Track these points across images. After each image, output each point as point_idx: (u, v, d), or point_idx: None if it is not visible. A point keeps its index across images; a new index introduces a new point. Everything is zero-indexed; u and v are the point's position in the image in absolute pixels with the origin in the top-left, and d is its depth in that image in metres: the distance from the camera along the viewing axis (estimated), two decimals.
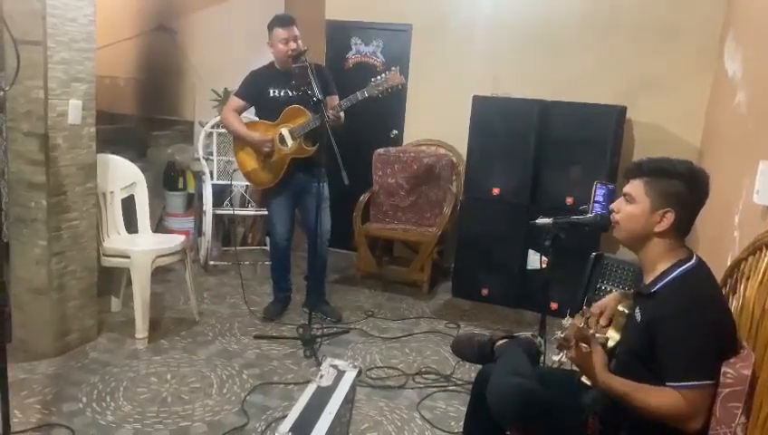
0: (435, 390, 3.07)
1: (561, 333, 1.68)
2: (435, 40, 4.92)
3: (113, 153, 3.65)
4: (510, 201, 4.23)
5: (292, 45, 3.47)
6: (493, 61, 4.75)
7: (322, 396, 1.92)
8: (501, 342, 2.23)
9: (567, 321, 1.76)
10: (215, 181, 4.78)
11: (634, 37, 4.40)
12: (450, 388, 3.11)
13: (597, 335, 1.75)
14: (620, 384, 1.65)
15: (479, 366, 2.23)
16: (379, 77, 3.43)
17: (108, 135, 4.06)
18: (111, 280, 3.68)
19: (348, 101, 3.44)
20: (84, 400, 2.74)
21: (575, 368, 1.79)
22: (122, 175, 3.63)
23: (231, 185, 4.87)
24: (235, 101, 3.70)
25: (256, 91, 3.65)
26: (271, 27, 3.53)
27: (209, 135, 4.88)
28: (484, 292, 4.37)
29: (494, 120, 4.23)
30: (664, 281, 1.69)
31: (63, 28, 2.92)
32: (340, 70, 5.04)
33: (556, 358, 1.76)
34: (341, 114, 3.50)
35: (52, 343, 3.09)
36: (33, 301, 3.06)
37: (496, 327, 3.92)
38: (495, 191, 4.25)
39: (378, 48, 5.15)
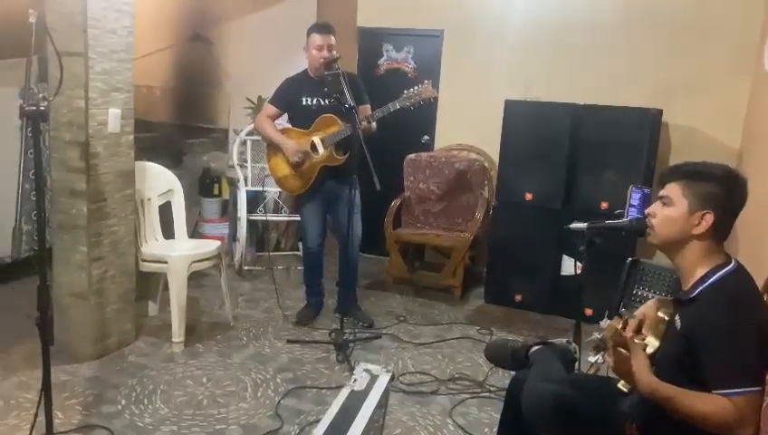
0: (467, 396, 3.05)
1: (599, 334, 1.66)
2: (466, 45, 4.92)
3: (150, 161, 3.73)
4: (543, 206, 4.19)
5: (325, 54, 3.50)
6: (524, 65, 4.72)
7: (356, 400, 1.93)
8: (535, 348, 2.20)
9: (605, 323, 1.73)
10: (249, 188, 4.85)
11: (669, 38, 4.33)
12: (483, 394, 3.09)
13: (636, 341, 1.71)
14: (666, 388, 1.60)
15: (513, 373, 2.22)
16: (412, 89, 3.45)
17: (145, 143, 4.15)
18: (149, 285, 3.75)
19: (380, 112, 3.46)
20: (123, 402, 2.81)
21: (611, 374, 1.76)
22: (159, 182, 3.70)
23: (264, 191, 4.94)
24: (269, 108, 3.76)
25: (290, 98, 3.69)
26: (309, 33, 3.59)
27: (243, 142, 4.95)
28: (518, 298, 4.33)
29: (527, 124, 4.21)
30: (703, 286, 1.66)
31: (104, 40, 3.00)
32: (371, 76, 5.07)
33: (592, 359, 1.73)
34: (373, 124, 3.52)
35: (92, 347, 3.17)
36: (74, 305, 3.14)
37: (530, 333, 3.88)
38: (528, 196, 4.21)
39: (409, 54, 5.17)
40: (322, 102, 3.61)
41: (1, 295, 3.87)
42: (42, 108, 2.07)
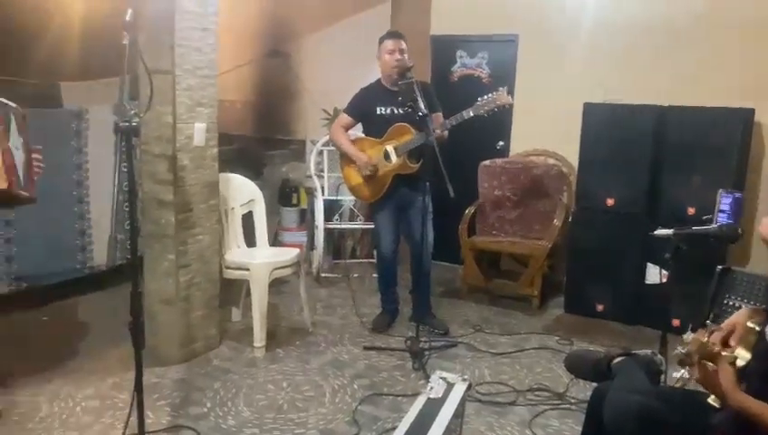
0: (547, 407, 2.98)
1: (683, 348, 1.58)
2: (542, 48, 4.83)
3: (233, 172, 3.88)
4: (626, 212, 4.04)
5: (398, 56, 3.56)
6: (603, 66, 4.58)
7: (432, 408, 1.93)
8: (618, 359, 2.13)
9: (689, 336, 1.65)
10: (325, 197, 4.96)
11: (760, 32, 4.07)
12: (563, 406, 3.00)
13: (724, 353, 1.62)
14: (756, 405, 1.51)
15: (594, 384, 2.15)
16: (486, 96, 3.44)
17: (228, 155, 4.32)
18: (232, 291, 3.89)
19: (454, 120, 3.47)
20: (208, 404, 2.92)
21: (699, 387, 1.67)
22: (242, 192, 3.84)
23: (340, 200, 5.03)
24: (344, 118, 3.83)
25: (364, 108, 3.75)
26: (380, 41, 3.67)
27: (320, 153, 5.07)
28: (599, 307, 4.19)
29: (607, 127, 4.08)
30: None
31: (189, 57, 3.15)
32: (445, 84, 5.07)
33: (677, 375, 1.65)
34: (445, 133, 3.53)
35: (179, 351, 3.31)
36: (162, 311, 3.30)
37: (612, 344, 3.73)
38: (610, 201, 4.08)
39: (483, 60, 5.14)
40: (396, 111, 3.65)
41: (98, 301, 4.13)
42: (134, 124, 2.19)
